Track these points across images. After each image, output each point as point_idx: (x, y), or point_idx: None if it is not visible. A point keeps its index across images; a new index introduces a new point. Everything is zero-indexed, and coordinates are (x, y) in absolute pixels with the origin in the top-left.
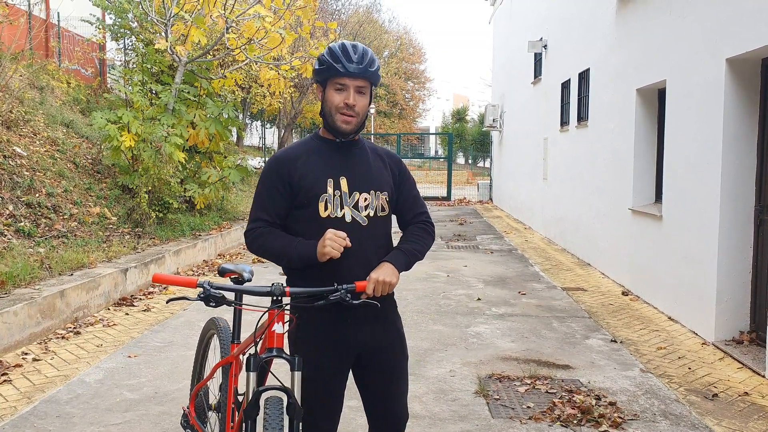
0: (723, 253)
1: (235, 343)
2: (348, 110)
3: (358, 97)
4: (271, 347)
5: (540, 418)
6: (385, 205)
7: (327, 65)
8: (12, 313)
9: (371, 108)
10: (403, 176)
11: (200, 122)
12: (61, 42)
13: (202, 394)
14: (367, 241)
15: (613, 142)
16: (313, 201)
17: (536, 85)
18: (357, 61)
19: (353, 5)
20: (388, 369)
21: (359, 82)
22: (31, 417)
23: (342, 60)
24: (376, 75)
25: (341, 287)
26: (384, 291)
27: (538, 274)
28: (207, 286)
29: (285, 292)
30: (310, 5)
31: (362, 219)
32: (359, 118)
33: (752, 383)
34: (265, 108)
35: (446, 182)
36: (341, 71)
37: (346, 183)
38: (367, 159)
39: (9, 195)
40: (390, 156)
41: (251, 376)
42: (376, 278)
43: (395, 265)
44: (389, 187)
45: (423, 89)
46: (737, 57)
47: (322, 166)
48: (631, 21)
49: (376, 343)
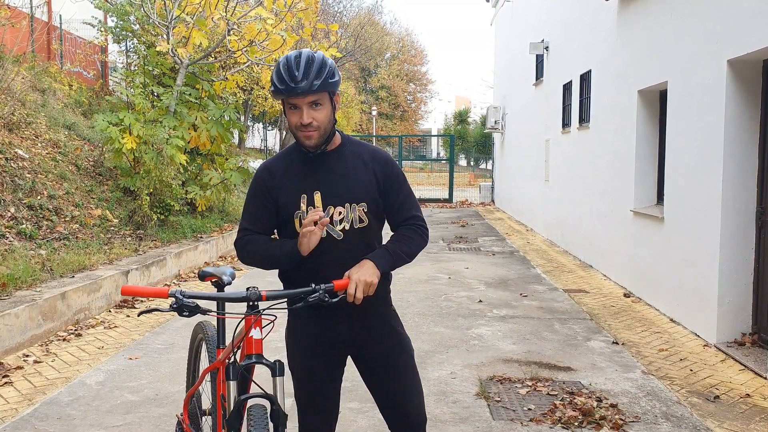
0: (724, 254)
1: (221, 348)
2: (305, 129)
3: (313, 112)
4: (250, 353)
5: (541, 420)
6: (363, 217)
7: (275, 87)
8: (13, 315)
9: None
10: (389, 179)
11: (202, 124)
12: (63, 44)
13: (194, 399)
14: (346, 254)
15: (614, 144)
16: (290, 219)
17: (538, 86)
18: (301, 78)
19: (355, 7)
20: (386, 368)
21: (310, 97)
22: (31, 419)
23: (286, 81)
24: (327, 85)
25: (318, 287)
26: (366, 291)
27: (540, 276)
28: (179, 295)
29: (261, 296)
30: (311, 7)
31: (336, 233)
32: (321, 131)
33: (754, 385)
34: (266, 110)
35: (448, 184)
36: (288, 93)
37: (319, 198)
38: (345, 169)
39: (11, 197)
40: (376, 158)
41: (231, 384)
42: (358, 278)
43: (377, 263)
44: (369, 197)
45: (425, 91)
46: (738, 58)
47: (296, 182)
48: (633, 22)
49: (368, 343)
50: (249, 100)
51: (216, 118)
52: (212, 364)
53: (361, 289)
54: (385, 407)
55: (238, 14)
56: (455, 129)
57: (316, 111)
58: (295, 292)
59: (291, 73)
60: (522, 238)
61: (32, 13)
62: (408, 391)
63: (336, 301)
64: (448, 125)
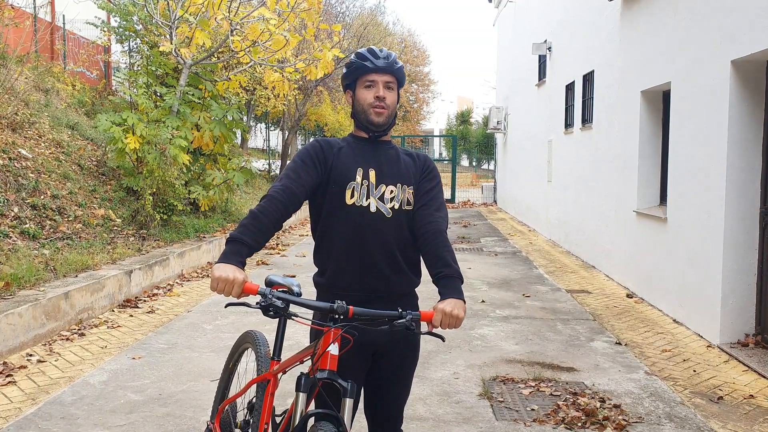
0: (728, 255)
1: (275, 360)
2: (379, 102)
3: (386, 92)
4: (324, 368)
5: (544, 421)
6: (411, 199)
7: (356, 65)
8: (17, 314)
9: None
10: (427, 172)
11: (205, 124)
12: (66, 45)
13: (229, 409)
14: (391, 233)
15: (617, 145)
16: (342, 187)
17: (540, 87)
18: (383, 57)
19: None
20: (398, 373)
21: (387, 77)
22: (35, 418)
23: (369, 57)
24: (401, 72)
25: (406, 313)
26: (452, 325)
27: (543, 277)
28: (269, 294)
29: (348, 311)
30: (314, 8)
31: (387, 210)
32: (389, 111)
33: (758, 386)
34: (269, 110)
35: (450, 185)
36: (370, 67)
37: (374, 174)
38: (395, 156)
39: (14, 197)
40: (419, 155)
41: (301, 396)
42: (443, 309)
43: (462, 299)
44: (415, 183)
45: (427, 91)
46: (742, 59)
47: (352, 158)
48: (636, 23)
49: (393, 345)
50: (252, 101)
51: (219, 118)
52: (262, 375)
53: (446, 322)
54: (375, 404)
55: (241, 14)
56: (457, 129)
57: (389, 92)
58: (381, 313)
59: (374, 54)
60: (524, 238)
61: (35, 13)
62: (404, 397)
63: (422, 333)
64: (450, 126)
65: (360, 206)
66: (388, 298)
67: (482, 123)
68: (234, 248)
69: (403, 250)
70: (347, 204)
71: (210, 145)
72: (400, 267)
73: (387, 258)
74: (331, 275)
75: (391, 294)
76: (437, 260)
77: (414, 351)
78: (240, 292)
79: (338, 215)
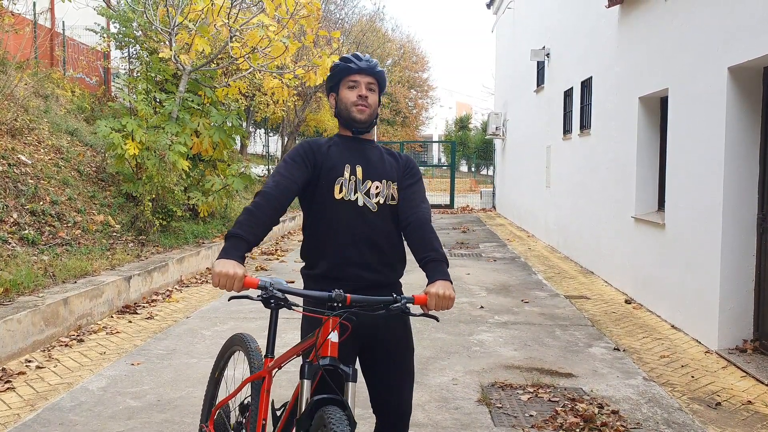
0: (726, 261)
1: (269, 357)
2: (362, 101)
3: (368, 92)
4: (325, 356)
5: (542, 427)
6: (396, 195)
7: (340, 67)
8: (15, 320)
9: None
10: (408, 170)
11: (204, 130)
12: (66, 51)
13: (222, 411)
14: (378, 226)
15: (615, 150)
16: (331, 183)
17: (539, 93)
18: (366, 60)
19: (357, 14)
20: (395, 361)
21: (369, 78)
22: (34, 425)
23: (353, 60)
24: (382, 76)
25: (401, 297)
26: (446, 306)
27: (541, 282)
28: (270, 287)
29: (345, 299)
30: (313, 14)
31: (372, 205)
32: (371, 110)
33: (756, 392)
34: (268, 116)
35: (449, 190)
36: (353, 68)
37: (361, 171)
38: (379, 154)
39: (13, 203)
40: (402, 155)
41: (306, 383)
42: (436, 293)
43: (449, 279)
44: (397, 179)
45: (426, 97)
46: (739, 65)
47: (339, 156)
48: (634, 29)
49: (382, 330)
50: (251, 107)
51: (218, 124)
52: (256, 374)
53: (441, 304)
54: (380, 395)
55: (240, 21)
56: (456, 135)
57: (371, 93)
58: (377, 299)
59: (358, 57)
60: (523, 244)
61: (35, 19)
62: (407, 386)
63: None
64: (449, 131)
65: (348, 200)
66: (374, 288)
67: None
68: (232, 243)
69: (389, 242)
70: (336, 199)
71: (209, 151)
72: (386, 259)
73: (374, 250)
74: (320, 267)
75: (377, 284)
76: (423, 246)
77: (406, 338)
78: (241, 286)
79: (328, 210)
